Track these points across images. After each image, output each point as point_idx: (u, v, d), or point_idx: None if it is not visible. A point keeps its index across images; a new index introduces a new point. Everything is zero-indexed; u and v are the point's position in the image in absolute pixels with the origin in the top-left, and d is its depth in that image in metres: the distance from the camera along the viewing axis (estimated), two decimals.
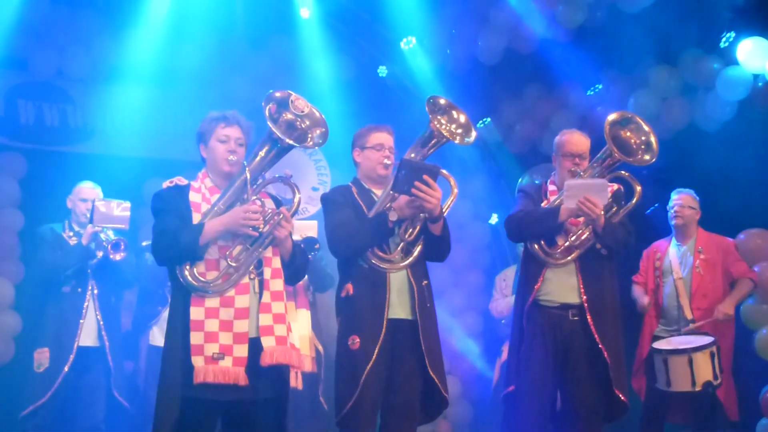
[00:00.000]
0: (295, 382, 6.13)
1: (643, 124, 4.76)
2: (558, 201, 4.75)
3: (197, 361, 3.58)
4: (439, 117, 4.28)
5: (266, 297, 3.73)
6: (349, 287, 4.28)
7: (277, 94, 3.74)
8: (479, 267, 8.80)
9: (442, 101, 4.35)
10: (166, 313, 5.86)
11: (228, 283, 3.68)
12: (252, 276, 3.74)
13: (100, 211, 5.63)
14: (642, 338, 5.94)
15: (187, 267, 3.67)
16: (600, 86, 7.72)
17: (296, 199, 3.79)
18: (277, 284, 3.78)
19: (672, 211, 5.96)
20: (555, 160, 4.94)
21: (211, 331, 3.62)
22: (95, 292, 5.78)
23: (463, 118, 4.33)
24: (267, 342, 3.66)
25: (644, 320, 5.97)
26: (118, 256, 5.72)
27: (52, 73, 7.37)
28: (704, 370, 5.22)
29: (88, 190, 5.93)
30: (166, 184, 3.91)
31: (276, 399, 3.78)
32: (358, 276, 4.27)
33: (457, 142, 4.30)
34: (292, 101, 3.74)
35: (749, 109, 6.94)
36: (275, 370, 3.69)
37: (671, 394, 5.43)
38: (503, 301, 7.21)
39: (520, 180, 7.80)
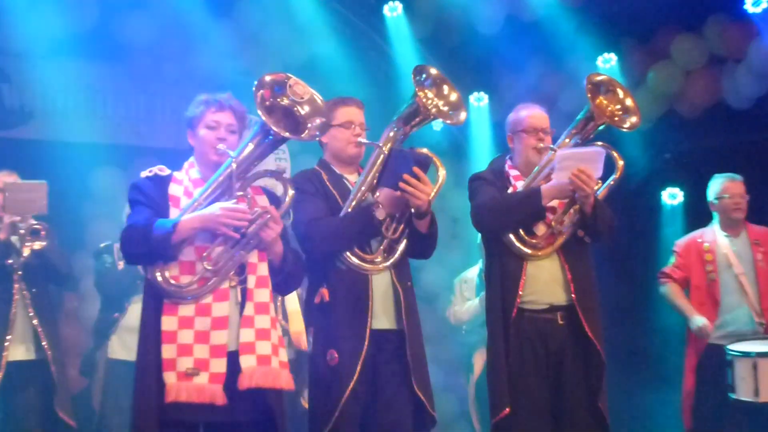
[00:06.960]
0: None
1: (618, 87, 4.51)
2: (536, 181, 4.43)
3: (169, 377, 3.42)
4: (426, 90, 4.08)
5: (249, 309, 3.52)
6: (324, 293, 4.01)
7: (271, 78, 3.55)
8: (461, 238, 8.42)
9: (433, 71, 4.13)
10: (123, 322, 5.99)
11: (205, 289, 3.50)
12: (233, 284, 3.55)
13: (13, 198, 5.20)
14: (691, 344, 5.70)
15: (159, 268, 3.49)
16: (614, 58, 7.48)
17: (289, 197, 3.62)
18: (263, 294, 3.56)
19: (731, 201, 5.71)
20: (512, 140, 4.60)
21: (184, 344, 3.46)
22: (26, 295, 5.35)
23: (454, 96, 4.11)
24: (246, 362, 3.46)
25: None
26: (37, 245, 5.32)
27: None
28: None
29: (1, 177, 5.47)
30: (144, 173, 3.70)
31: (261, 423, 3.58)
32: (335, 279, 4.01)
33: (446, 122, 4.14)
34: (290, 86, 3.55)
35: None
36: (258, 391, 3.49)
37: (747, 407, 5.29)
38: (463, 306, 6.82)
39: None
